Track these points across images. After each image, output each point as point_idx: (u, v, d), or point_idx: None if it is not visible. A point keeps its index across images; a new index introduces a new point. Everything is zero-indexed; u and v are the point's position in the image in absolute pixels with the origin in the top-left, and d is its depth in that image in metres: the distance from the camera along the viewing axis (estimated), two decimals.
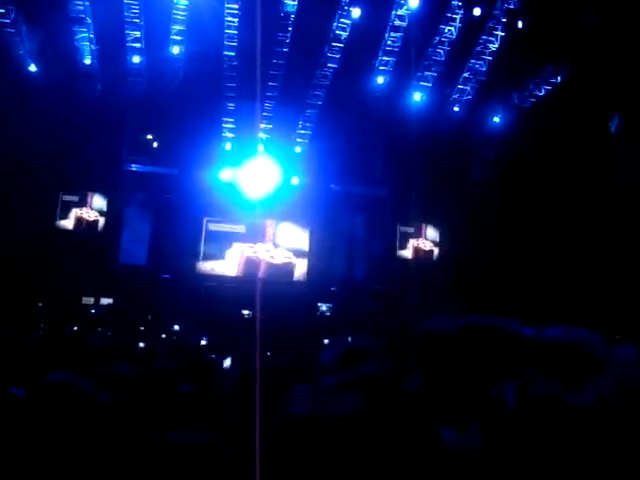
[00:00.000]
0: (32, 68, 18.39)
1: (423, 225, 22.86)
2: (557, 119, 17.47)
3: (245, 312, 19.02)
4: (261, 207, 21.01)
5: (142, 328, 16.13)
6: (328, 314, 21.11)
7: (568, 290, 15.53)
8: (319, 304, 21.16)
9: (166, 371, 3.14)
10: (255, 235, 21.90)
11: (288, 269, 22.09)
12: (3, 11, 16.49)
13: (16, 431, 2.16)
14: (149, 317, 18.63)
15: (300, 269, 22.26)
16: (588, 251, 16.27)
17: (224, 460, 2.22)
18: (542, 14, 16.60)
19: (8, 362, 2.96)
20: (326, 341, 12.09)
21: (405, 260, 22.55)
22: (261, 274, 21.38)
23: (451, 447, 1.74)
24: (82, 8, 17.18)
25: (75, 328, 12.96)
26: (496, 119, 21.19)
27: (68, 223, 20.74)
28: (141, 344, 10.87)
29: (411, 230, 22.88)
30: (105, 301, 19.63)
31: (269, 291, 18.90)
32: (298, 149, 22.03)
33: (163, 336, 15.05)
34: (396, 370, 2.18)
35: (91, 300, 19.50)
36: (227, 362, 6.61)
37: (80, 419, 2.16)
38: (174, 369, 3.30)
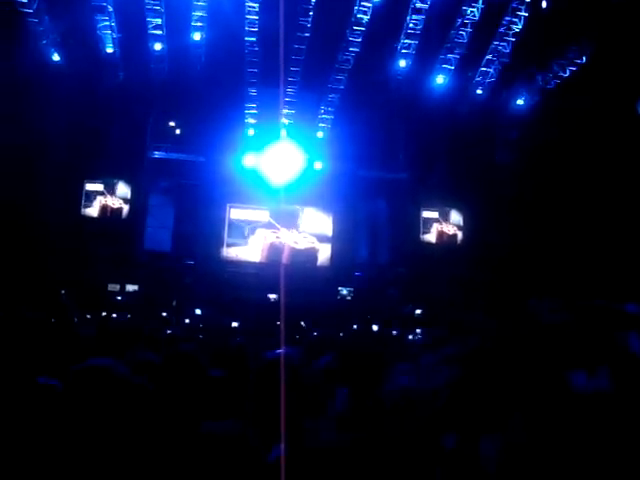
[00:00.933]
0: (55, 57, 18.51)
1: (446, 209, 22.74)
2: (582, 100, 17.23)
3: (271, 296, 19.10)
4: (284, 192, 21.03)
5: (167, 314, 16.25)
6: (349, 298, 21.10)
7: (595, 270, 15.36)
8: (340, 288, 21.16)
9: (194, 356, 3.16)
10: (279, 221, 21.96)
11: (312, 254, 22.14)
12: (26, 1, 16.57)
13: (53, 418, 2.19)
14: (174, 303, 18.79)
15: (324, 254, 22.29)
16: (615, 233, 16.06)
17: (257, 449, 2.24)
18: None
19: (39, 347, 3.00)
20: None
21: (429, 244, 22.47)
22: (285, 260, 21.44)
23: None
24: None
25: (104, 314, 13.10)
26: (520, 101, 20.97)
27: (93, 211, 20.94)
28: (167, 330, 10.97)
29: (434, 214, 22.77)
30: (131, 288, 19.80)
31: (292, 276, 18.94)
32: (320, 134, 22.00)
33: (188, 321, 15.16)
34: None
35: (117, 287, 19.69)
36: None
37: (120, 404, 2.18)
38: (201, 354, 3.32)
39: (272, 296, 18.92)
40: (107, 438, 2.08)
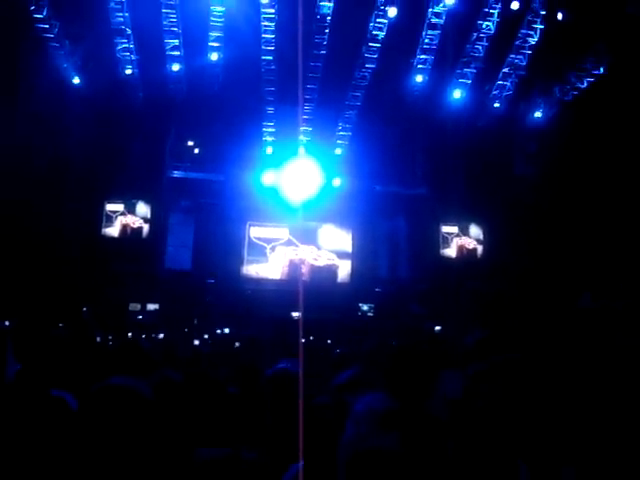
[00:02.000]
0: (76, 80, 18.77)
1: (466, 223, 22.64)
2: (601, 111, 17.13)
3: (293, 314, 19.05)
4: (303, 210, 21.07)
5: (188, 332, 16.28)
6: (370, 314, 20.98)
7: (616, 281, 15.18)
8: (360, 304, 21.05)
9: (214, 375, 3.16)
10: (298, 238, 21.97)
11: (332, 270, 22.12)
12: (48, 27, 16.86)
13: (72, 434, 2.19)
14: (195, 322, 18.81)
15: (343, 271, 22.26)
16: (638, 243, 15.88)
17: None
18: (582, 4, 16.31)
19: (63, 365, 3.01)
20: None
21: (449, 259, 22.36)
22: (305, 277, 21.43)
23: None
24: (122, 19, 17.49)
25: (129, 334, 13.17)
26: (538, 114, 20.89)
27: (113, 231, 21.08)
28: (188, 348, 10.99)
29: (454, 229, 22.67)
30: (151, 307, 19.87)
31: (312, 293, 18.89)
32: (338, 151, 22.05)
33: (209, 340, 15.17)
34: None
35: (138, 306, 19.77)
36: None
37: (140, 423, 2.17)
38: (222, 372, 3.33)
39: (294, 314, 18.85)
40: (121, 456, 2.08)
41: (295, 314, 18.51)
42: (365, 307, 21.09)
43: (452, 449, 1.82)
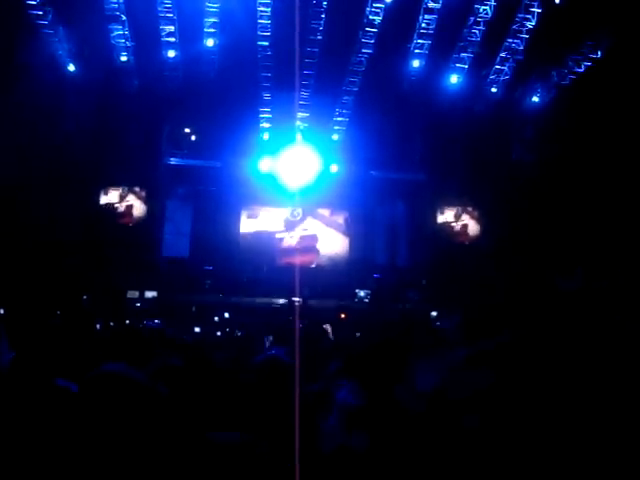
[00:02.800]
0: (71, 68, 18.67)
1: (465, 208, 22.62)
2: (598, 96, 17.09)
3: (280, 301, 19.04)
4: (301, 196, 21.04)
5: (187, 319, 16.31)
6: (366, 300, 20.89)
7: (612, 265, 15.20)
8: (357, 290, 20.96)
9: (216, 361, 3.17)
10: (294, 223, 21.92)
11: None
12: (41, 13, 16.75)
13: (68, 422, 2.18)
14: (193, 309, 18.84)
15: (340, 254, 22.22)
16: (634, 227, 15.88)
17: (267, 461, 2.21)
18: None
19: (61, 353, 3.00)
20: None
21: (448, 244, 22.35)
22: (290, 258, 21.24)
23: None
24: (117, 6, 17.37)
25: (127, 322, 13.18)
26: (535, 98, 20.83)
27: (111, 218, 21.04)
28: (187, 335, 11.02)
29: (453, 214, 22.67)
30: (150, 294, 19.88)
31: (310, 280, 18.88)
32: (336, 136, 21.98)
33: (208, 326, 15.22)
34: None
35: (136, 294, 19.78)
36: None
37: (135, 410, 2.17)
38: (223, 358, 3.33)
39: (294, 299, 18.78)
40: (118, 443, 2.08)
41: (295, 299, 18.46)
42: (362, 293, 21.04)
43: (429, 441, 1.79)
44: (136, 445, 2.10)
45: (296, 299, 18.28)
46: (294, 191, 21.03)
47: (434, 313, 18.78)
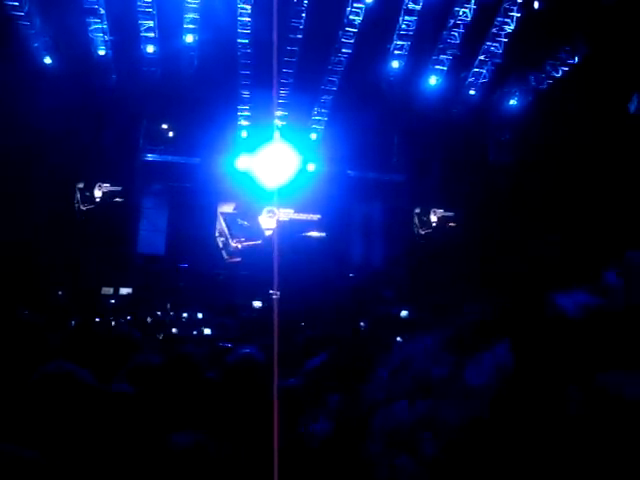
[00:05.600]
0: (47, 60, 18.44)
1: (441, 209, 22.73)
2: (575, 100, 17.27)
3: (257, 304, 18.98)
4: (278, 194, 21.02)
5: (162, 317, 16.20)
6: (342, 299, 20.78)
7: (592, 265, 15.32)
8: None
9: (191, 358, 3.14)
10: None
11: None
12: (17, 4, 16.51)
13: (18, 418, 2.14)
14: (168, 306, 18.71)
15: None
16: (609, 230, 16.07)
17: (229, 464, 2.18)
18: None
19: (36, 352, 2.97)
20: None
21: (424, 245, 22.45)
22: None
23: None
24: None
25: (97, 319, 13.04)
26: (513, 102, 21.00)
27: (85, 214, 20.82)
28: (162, 333, 10.95)
29: (430, 214, 22.76)
30: (124, 291, 19.71)
31: (287, 279, 18.83)
32: (314, 136, 21.97)
33: (183, 324, 15.12)
34: None
35: (110, 290, 19.60)
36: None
37: (79, 411, 2.12)
38: (198, 356, 3.30)
39: (257, 303, 18.77)
40: (62, 441, 2.05)
41: (272, 292, 18.41)
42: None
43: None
44: (78, 444, 2.07)
45: (273, 292, 18.33)
46: (271, 189, 21.02)
47: (404, 312, 18.86)
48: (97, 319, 13.07)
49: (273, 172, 21.13)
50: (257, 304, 18.64)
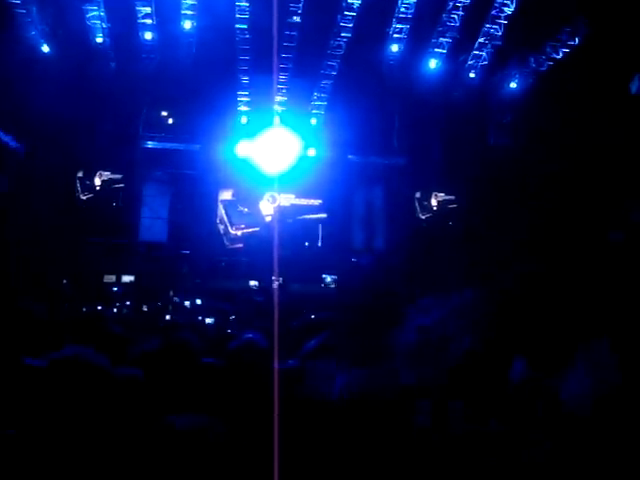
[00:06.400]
0: (45, 49, 18.38)
1: (442, 192, 22.67)
2: (576, 82, 17.19)
3: (252, 282, 19.04)
4: (278, 180, 21.00)
5: (164, 304, 16.26)
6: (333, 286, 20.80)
7: (586, 263, 15.32)
8: (324, 275, 20.86)
9: (188, 343, 3.16)
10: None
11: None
12: None
13: (30, 402, 2.17)
14: (171, 293, 18.77)
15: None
16: (610, 212, 16.06)
17: (230, 446, 2.19)
18: None
19: (37, 337, 2.99)
20: None
21: (425, 228, 22.43)
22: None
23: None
24: None
25: (99, 307, 13.11)
26: (513, 84, 20.91)
27: (86, 202, 20.83)
28: (163, 319, 11.00)
29: (431, 198, 22.72)
30: (127, 279, 19.77)
31: (287, 263, 18.88)
32: (314, 120, 21.91)
33: (185, 310, 15.19)
34: None
35: (113, 278, 19.65)
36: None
37: (93, 395, 2.15)
38: (195, 342, 3.32)
39: (274, 278, 18.74)
40: (77, 426, 2.07)
41: (274, 279, 18.46)
42: (329, 279, 20.83)
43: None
44: (93, 429, 2.09)
45: (275, 279, 18.39)
46: (272, 175, 21.01)
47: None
48: (100, 307, 13.15)
49: (273, 158, 21.10)
50: (253, 283, 18.74)
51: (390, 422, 1.68)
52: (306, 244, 21.92)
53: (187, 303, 16.52)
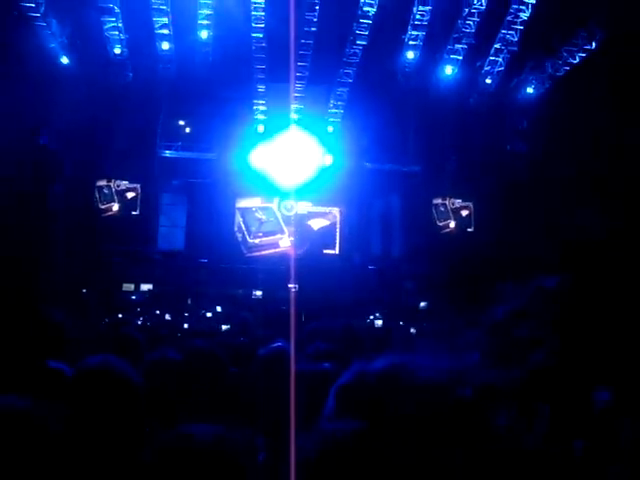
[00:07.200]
0: (64, 60, 18.58)
1: (460, 200, 22.60)
2: (593, 86, 17.09)
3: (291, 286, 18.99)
4: (295, 188, 21.04)
5: (183, 312, 16.33)
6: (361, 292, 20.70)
7: (611, 258, 15.18)
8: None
9: (212, 353, 3.18)
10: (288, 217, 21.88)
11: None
12: (33, 5, 16.63)
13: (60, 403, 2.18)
14: (189, 301, 18.85)
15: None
16: (630, 216, 15.90)
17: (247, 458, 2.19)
18: None
19: (58, 344, 3.01)
20: None
21: (443, 236, 22.34)
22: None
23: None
24: None
25: (120, 315, 13.18)
26: (530, 90, 20.84)
27: (104, 212, 20.99)
28: (183, 327, 11.04)
29: (448, 205, 22.64)
30: (145, 287, 19.88)
31: (305, 271, 18.88)
32: (330, 128, 21.94)
33: (204, 318, 15.23)
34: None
35: (131, 287, 19.77)
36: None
37: (119, 405, 2.16)
38: (218, 351, 3.34)
39: (291, 286, 18.71)
40: (99, 435, 2.08)
41: (291, 286, 18.43)
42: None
43: None
44: (116, 438, 2.10)
45: (292, 286, 18.37)
46: (288, 183, 21.05)
47: (423, 304, 18.88)
48: (120, 315, 13.23)
49: (290, 166, 21.16)
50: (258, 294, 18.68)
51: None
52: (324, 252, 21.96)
53: (206, 311, 16.57)
